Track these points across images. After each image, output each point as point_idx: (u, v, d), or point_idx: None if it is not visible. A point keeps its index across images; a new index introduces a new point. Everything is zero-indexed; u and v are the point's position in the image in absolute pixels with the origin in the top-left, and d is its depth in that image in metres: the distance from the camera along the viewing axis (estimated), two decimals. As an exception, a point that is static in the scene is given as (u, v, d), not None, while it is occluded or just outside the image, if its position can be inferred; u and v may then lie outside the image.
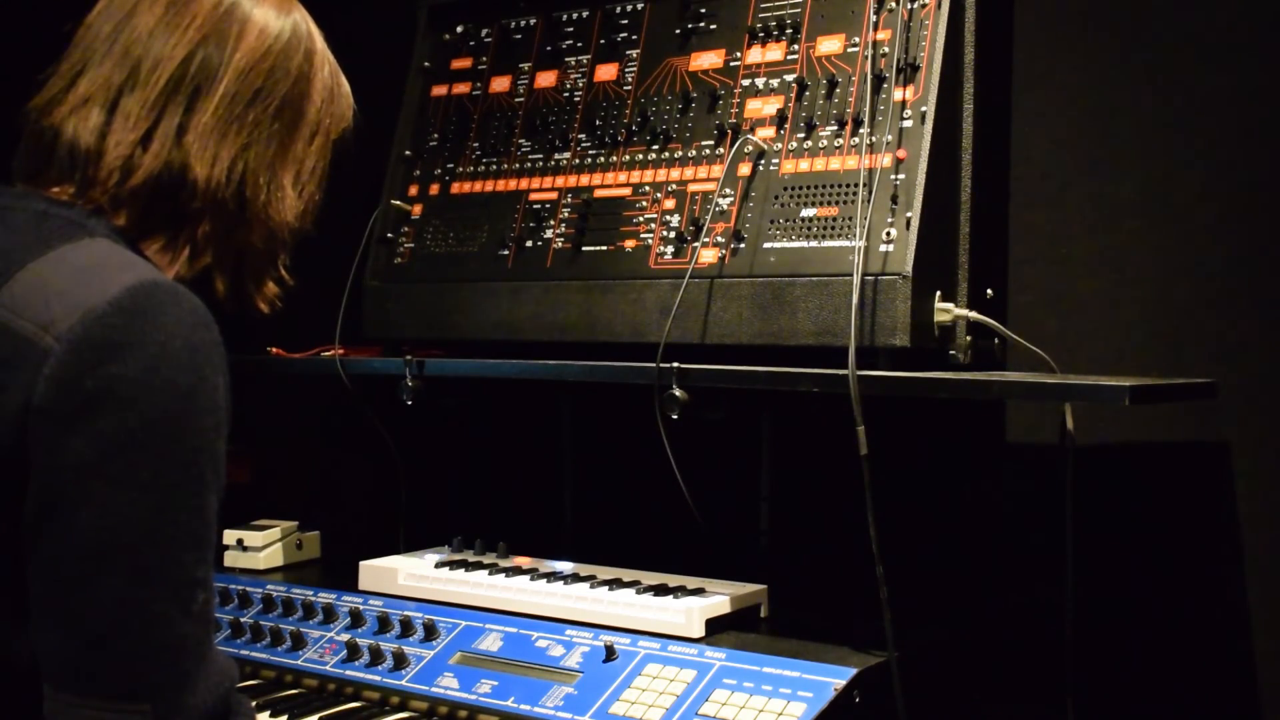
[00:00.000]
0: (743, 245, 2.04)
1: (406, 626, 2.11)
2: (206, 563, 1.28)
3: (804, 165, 2.03)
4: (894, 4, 2.01)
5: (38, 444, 1.22)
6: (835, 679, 1.79)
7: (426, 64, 2.49)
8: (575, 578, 2.18)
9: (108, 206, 1.38)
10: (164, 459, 1.24)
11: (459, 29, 2.48)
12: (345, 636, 2.11)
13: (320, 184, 1.55)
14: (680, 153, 2.15)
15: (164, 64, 1.39)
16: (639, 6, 2.27)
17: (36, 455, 1.22)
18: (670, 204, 2.14)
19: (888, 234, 1.92)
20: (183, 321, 1.27)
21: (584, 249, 2.20)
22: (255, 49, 1.42)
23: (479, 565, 2.29)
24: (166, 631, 1.25)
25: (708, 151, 2.13)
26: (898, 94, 1.96)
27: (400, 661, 2.03)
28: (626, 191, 2.19)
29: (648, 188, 2.17)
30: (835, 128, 2.02)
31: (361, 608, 2.17)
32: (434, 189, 2.41)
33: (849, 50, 2.04)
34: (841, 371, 1.83)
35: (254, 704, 1.99)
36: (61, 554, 1.22)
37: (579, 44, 2.32)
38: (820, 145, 2.02)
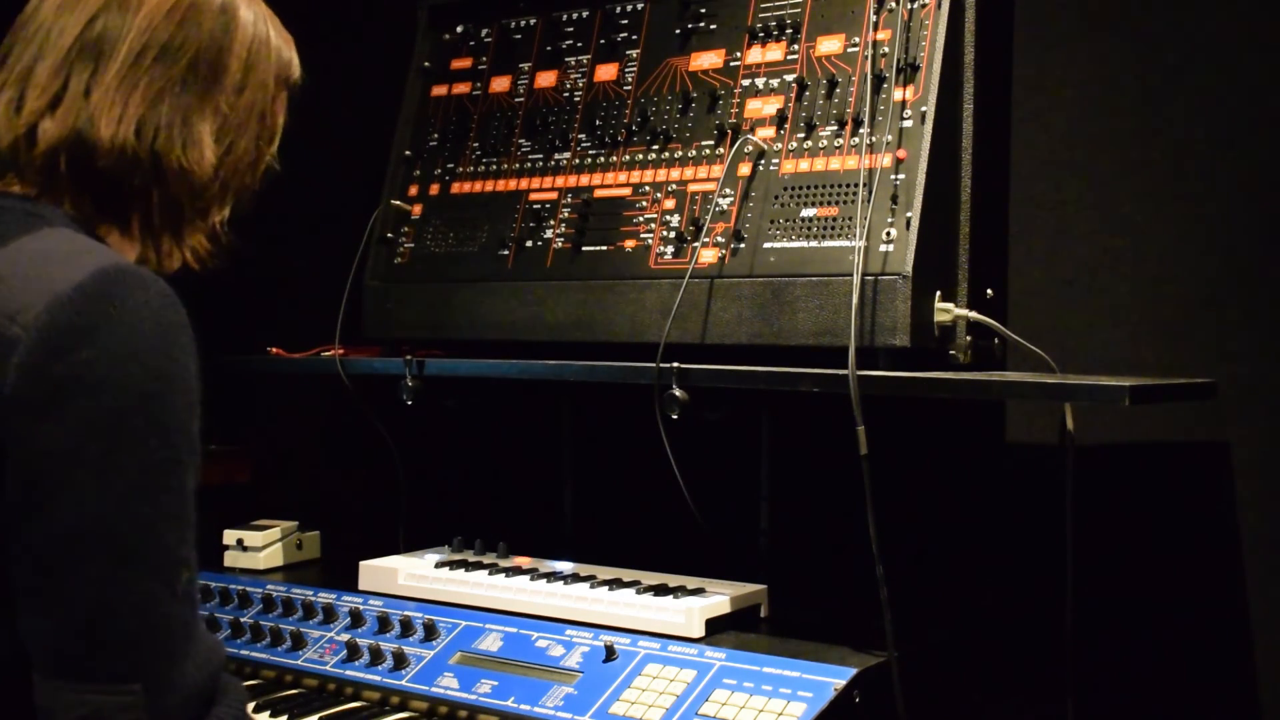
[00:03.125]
0: (743, 245, 2.04)
1: (406, 626, 2.11)
2: (188, 542, 1.29)
3: (804, 165, 2.03)
4: (894, 4, 2.01)
5: (11, 434, 1.22)
6: (835, 679, 1.79)
7: (426, 64, 2.49)
8: (575, 578, 2.18)
9: (36, 183, 1.38)
10: (140, 441, 1.24)
11: (459, 29, 2.48)
12: (345, 636, 2.11)
13: (262, 139, 1.52)
14: (680, 153, 2.15)
15: (68, 31, 1.40)
16: (639, 6, 2.27)
17: (11, 445, 1.22)
18: (670, 204, 2.14)
19: (888, 234, 1.92)
20: (150, 304, 1.27)
21: (584, 249, 2.20)
22: (159, 6, 1.42)
23: (479, 565, 2.29)
24: (153, 612, 1.25)
25: (708, 151, 2.13)
26: (898, 94, 1.96)
27: (400, 661, 2.03)
28: (626, 191, 2.19)
29: (648, 188, 2.17)
30: (835, 128, 2.02)
31: (361, 608, 2.17)
32: (434, 189, 2.41)
33: (849, 50, 2.04)
34: (841, 371, 1.83)
35: (254, 704, 1.99)
36: (43, 541, 1.23)
37: (579, 44, 2.32)
38: (820, 145, 2.02)
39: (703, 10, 2.20)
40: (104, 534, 1.23)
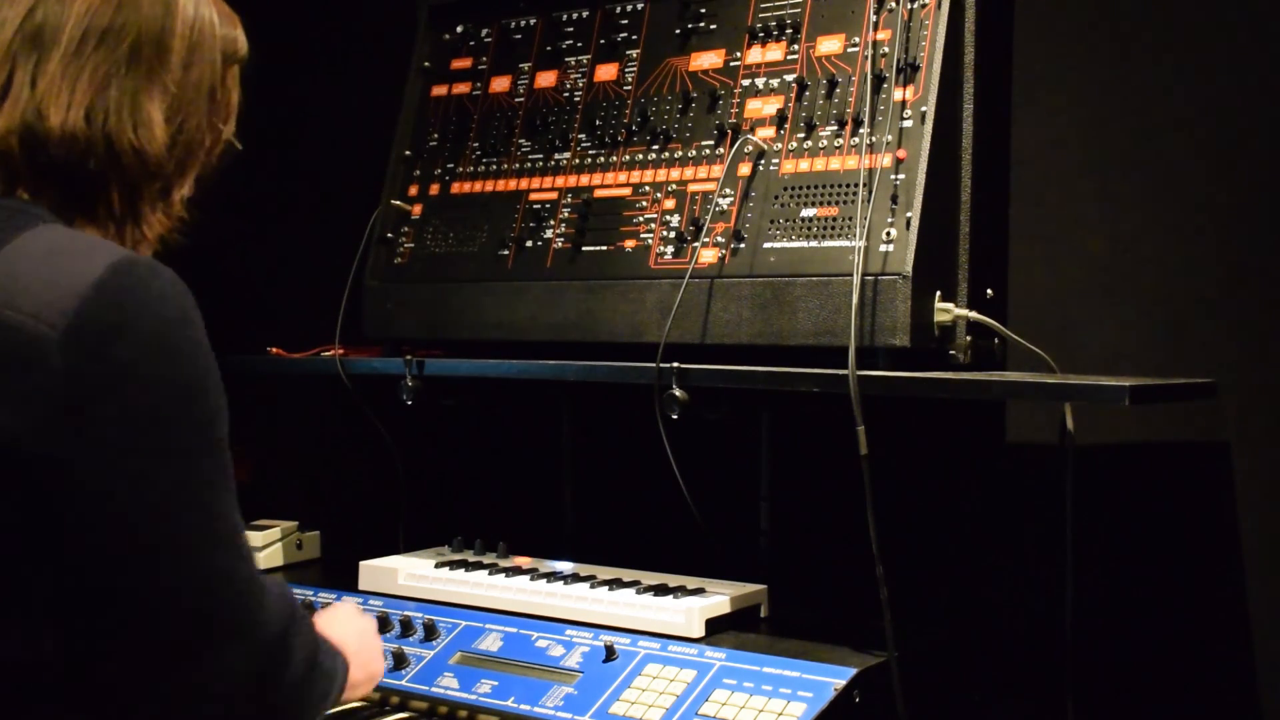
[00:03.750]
0: (743, 245, 2.04)
1: (406, 626, 2.11)
2: (236, 507, 1.35)
3: (804, 165, 2.03)
4: (894, 4, 2.01)
5: (56, 435, 1.23)
6: (835, 679, 1.79)
7: (426, 64, 2.49)
8: (575, 578, 2.18)
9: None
10: (185, 425, 1.29)
11: (459, 29, 2.48)
12: (345, 636, 2.11)
13: (216, 116, 1.53)
14: (680, 153, 2.15)
15: (8, 24, 1.41)
16: (639, 6, 2.27)
17: (59, 447, 1.24)
18: (670, 204, 2.14)
19: (888, 234, 1.92)
20: (166, 291, 1.30)
21: (584, 249, 2.20)
22: None
23: (479, 565, 2.29)
24: (231, 578, 1.31)
25: (708, 151, 2.13)
26: (898, 94, 1.96)
27: (400, 661, 2.03)
28: (626, 191, 2.19)
29: (648, 188, 2.17)
30: (835, 128, 2.02)
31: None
32: (434, 189, 2.41)
33: (849, 50, 2.04)
34: (841, 371, 1.83)
35: (254, 704, 1.99)
36: (115, 537, 1.26)
37: (579, 44, 2.32)
38: (820, 145, 2.02)
39: (703, 10, 2.20)
40: (172, 518, 1.27)
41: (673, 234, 2.11)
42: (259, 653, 1.34)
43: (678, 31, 2.22)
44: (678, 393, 1.99)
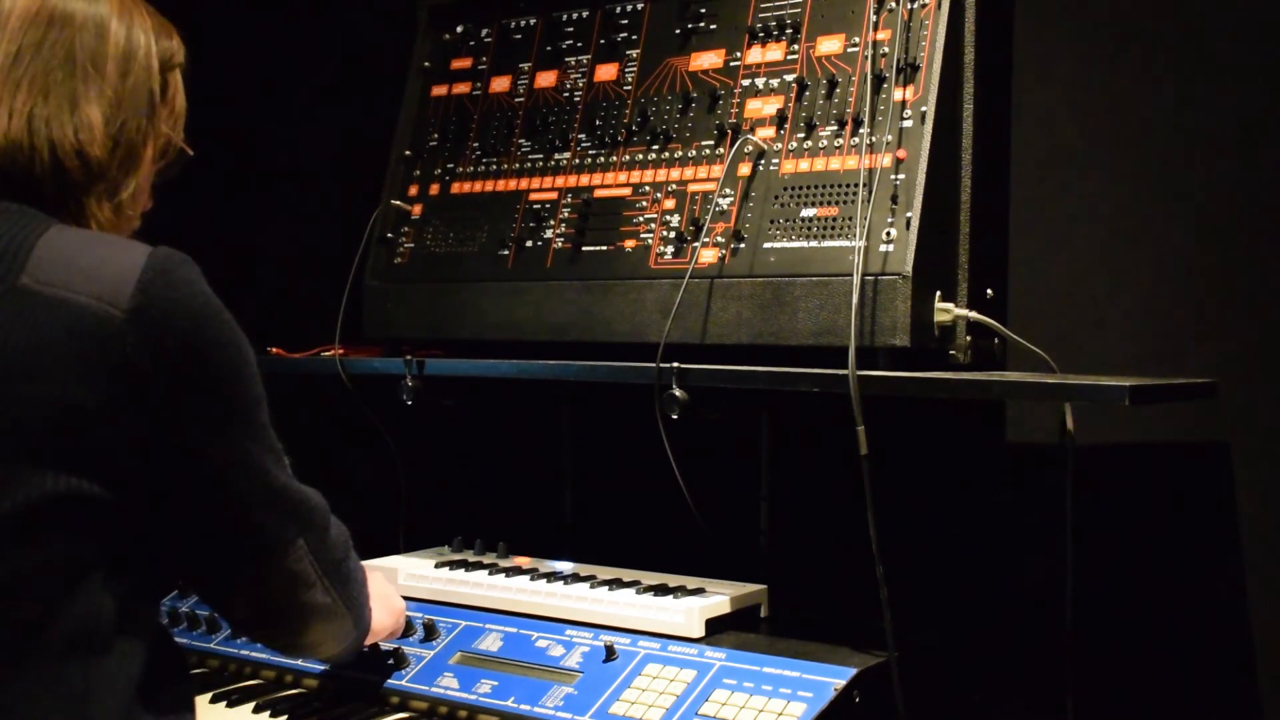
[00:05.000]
0: (743, 245, 2.04)
1: (406, 626, 2.11)
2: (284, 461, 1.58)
3: (804, 165, 2.03)
4: (894, 4, 2.01)
5: (138, 411, 1.35)
6: (835, 679, 1.79)
7: (426, 64, 2.49)
8: (575, 578, 2.18)
9: None
10: (245, 388, 1.47)
11: (459, 29, 2.48)
12: (345, 636, 2.11)
13: (161, 121, 1.57)
14: (680, 153, 2.15)
15: None
16: (639, 6, 2.27)
17: (139, 415, 1.36)
18: (670, 204, 2.14)
19: (888, 234, 1.92)
20: (195, 272, 1.43)
21: (584, 249, 2.20)
22: (27, 9, 1.49)
23: (479, 565, 2.29)
24: (288, 487, 1.56)
25: (708, 151, 2.13)
26: (898, 94, 1.96)
27: (400, 661, 2.03)
28: (626, 191, 2.19)
29: (648, 188, 2.17)
30: (835, 128, 2.02)
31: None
32: (434, 189, 2.41)
33: (849, 50, 2.04)
34: (841, 371, 1.83)
35: (254, 704, 2.00)
36: (205, 498, 1.45)
37: (579, 44, 2.32)
38: (820, 145, 2.02)
39: (703, 10, 2.20)
40: (247, 455, 1.48)
41: (673, 234, 2.11)
42: (315, 527, 1.61)
43: (678, 31, 2.22)
44: (678, 393, 1.99)
